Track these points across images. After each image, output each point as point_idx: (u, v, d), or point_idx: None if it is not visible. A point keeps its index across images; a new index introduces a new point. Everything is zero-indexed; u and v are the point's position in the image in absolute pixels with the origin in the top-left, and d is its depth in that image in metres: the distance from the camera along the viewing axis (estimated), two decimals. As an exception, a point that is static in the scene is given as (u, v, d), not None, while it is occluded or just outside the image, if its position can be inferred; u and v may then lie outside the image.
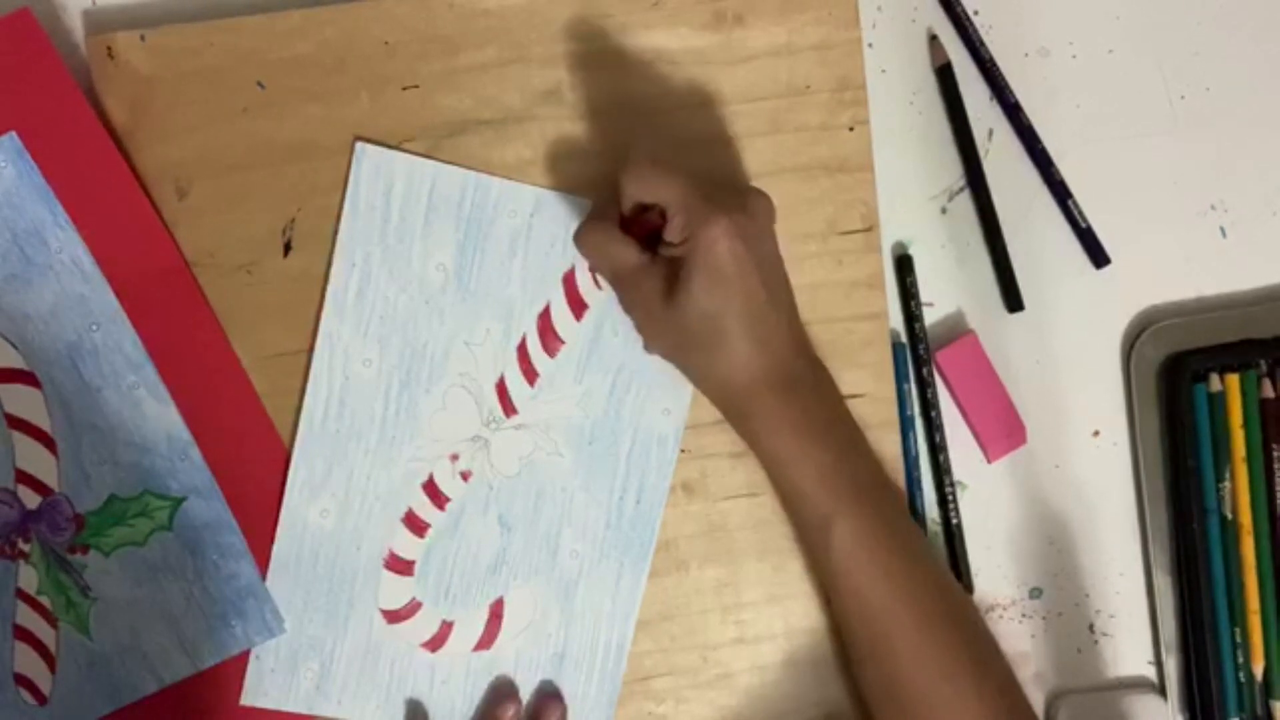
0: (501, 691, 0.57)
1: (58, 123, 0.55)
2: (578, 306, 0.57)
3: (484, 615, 0.57)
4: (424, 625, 0.57)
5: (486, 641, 0.57)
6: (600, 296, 0.57)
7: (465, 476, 0.57)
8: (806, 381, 0.54)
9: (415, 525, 0.57)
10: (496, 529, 0.57)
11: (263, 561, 0.56)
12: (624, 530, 0.57)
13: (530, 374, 0.57)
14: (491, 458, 0.57)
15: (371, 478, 0.56)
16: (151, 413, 0.55)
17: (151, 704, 0.56)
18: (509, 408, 0.57)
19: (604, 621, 0.57)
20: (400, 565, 0.57)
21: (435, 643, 0.57)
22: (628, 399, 0.57)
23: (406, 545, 0.57)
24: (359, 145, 0.56)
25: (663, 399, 0.57)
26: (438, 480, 0.57)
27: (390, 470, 0.57)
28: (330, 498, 0.56)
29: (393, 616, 0.57)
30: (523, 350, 0.57)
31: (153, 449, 0.56)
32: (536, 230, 0.57)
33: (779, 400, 0.53)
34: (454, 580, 0.57)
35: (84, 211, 0.55)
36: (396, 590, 0.57)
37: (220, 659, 0.56)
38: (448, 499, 0.57)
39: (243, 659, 0.56)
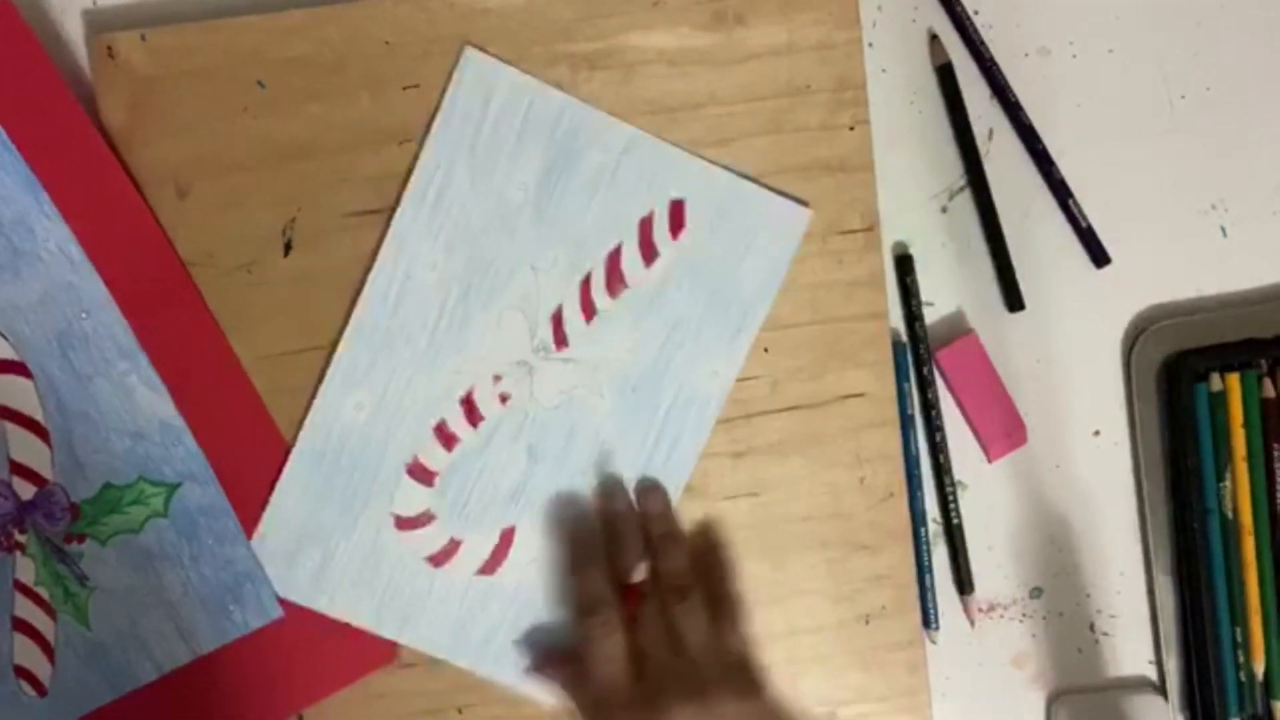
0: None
1: (41, 111, 0.54)
2: (649, 253, 0.57)
3: (494, 540, 0.57)
4: (433, 538, 0.57)
5: (490, 567, 0.57)
6: (673, 248, 0.57)
7: (504, 399, 0.57)
8: None
9: (445, 437, 0.57)
10: (524, 458, 0.57)
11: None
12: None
13: (589, 310, 0.57)
14: (534, 386, 0.57)
15: (413, 382, 0.56)
16: (144, 399, 0.55)
17: (151, 692, 0.56)
18: (560, 340, 0.57)
19: None
20: (423, 474, 0.57)
21: (440, 558, 0.57)
22: (679, 354, 0.57)
23: (433, 455, 0.57)
24: (467, 50, 0.56)
25: (713, 361, 0.57)
26: (476, 397, 0.57)
27: (432, 378, 0.56)
28: (367, 393, 0.56)
29: (405, 524, 0.56)
30: (586, 286, 0.57)
31: (146, 436, 0.55)
32: (624, 170, 0.57)
33: None
34: (472, 499, 0.57)
35: (70, 199, 0.55)
36: (414, 498, 0.57)
37: (218, 644, 0.56)
38: (482, 418, 0.57)
39: (240, 645, 0.56)
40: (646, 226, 0.57)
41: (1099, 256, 0.60)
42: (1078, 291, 0.61)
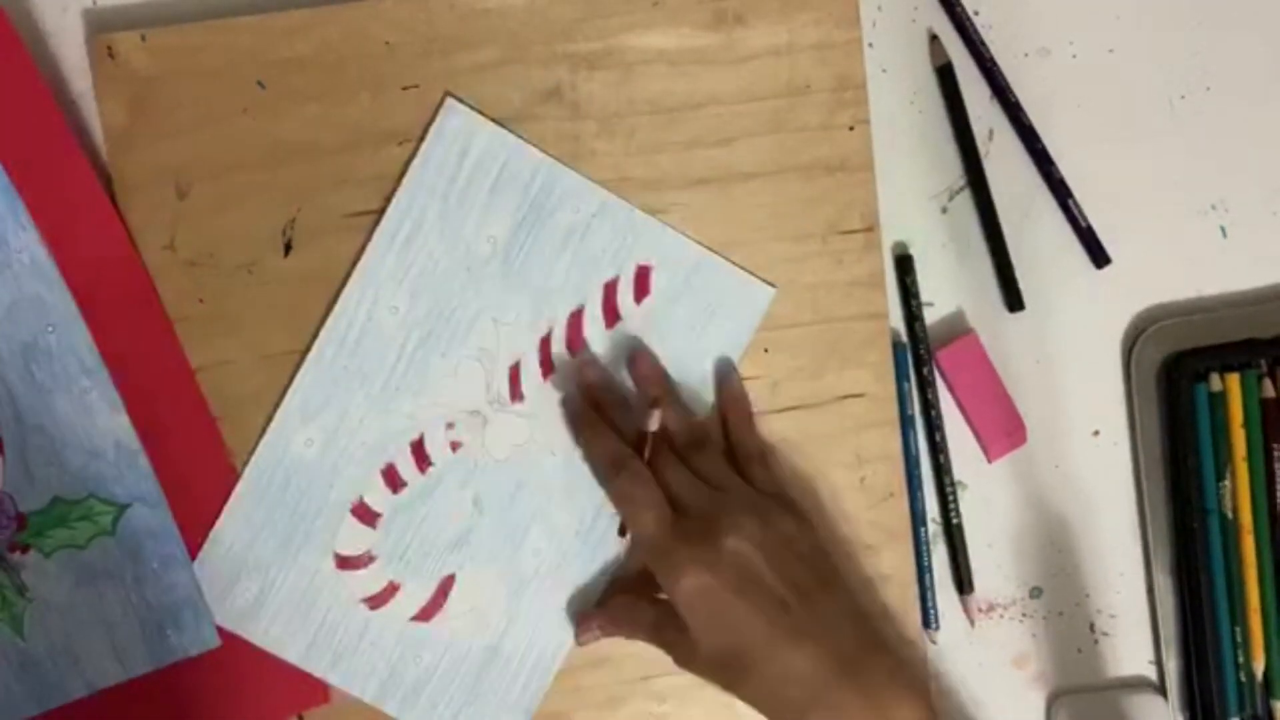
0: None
1: (23, 121, 0.54)
2: (610, 316, 0.57)
3: (432, 587, 0.57)
4: (371, 580, 0.57)
5: (426, 614, 0.57)
6: (636, 313, 0.57)
7: (454, 446, 0.57)
8: (875, 674, 0.50)
9: (392, 480, 0.57)
10: (469, 507, 0.57)
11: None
12: (591, 544, 0.57)
13: (547, 366, 0.57)
14: (485, 436, 0.57)
15: (365, 422, 0.56)
16: (102, 418, 0.55)
17: (77, 709, 0.55)
18: (516, 393, 0.57)
19: (546, 627, 0.57)
20: (366, 515, 0.57)
21: (377, 601, 0.57)
22: None
23: (378, 497, 0.57)
24: (449, 101, 0.56)
25: None
26: (427, 443, 0.57)
27: (385, 420, 0.56)
28: (319, 430, 0.56)
29: (344, 563, 0.57)
30: (546, 342, 0.57)
31: (101, 454, 0.55)
32: (594, 231, 0.57)
33: (847, 700, 0.49)
34: (413, 545, 0.57)
35: (46, 212, 0.55)
36: (356, 538, 0.57)
37: (152, 667, 0.56)
38: (430, 464, 0.57)
39: (172, 671, 0.56)
40: (611, 290, 0.57)
41: (1099, 256, 0.60)
42: (1078, 291, 0.61)
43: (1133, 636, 0.61)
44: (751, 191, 0.58)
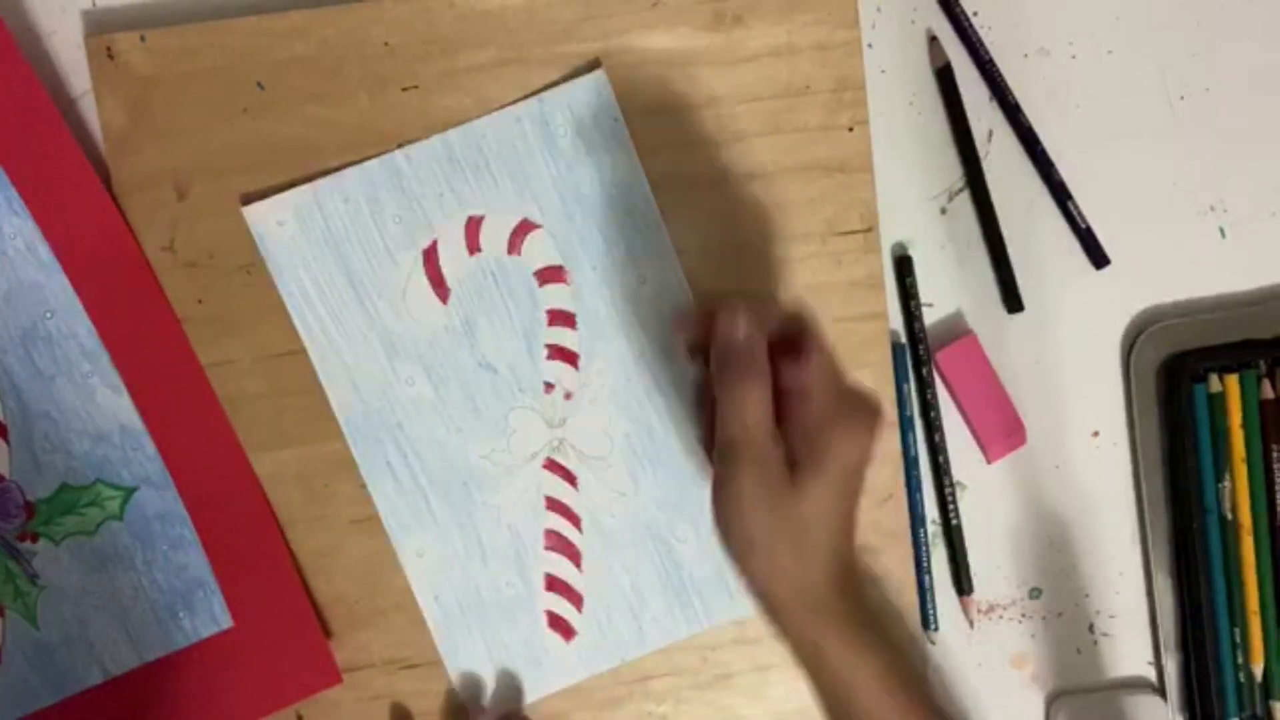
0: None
1: (13, 107, 0.54)
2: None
3: None
4: None
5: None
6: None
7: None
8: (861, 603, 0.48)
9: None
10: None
11: (213, 553, 0.56)
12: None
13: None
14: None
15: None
16: (105, 402, 0.55)
17: (95, 696, 0.56)
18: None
19: None
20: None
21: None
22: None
23: None
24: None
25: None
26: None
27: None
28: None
29: None
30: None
31: (106, 438, 0.55)
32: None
33: (846, 608, 0.47)
34: None
35: (40, 198, 0.55)
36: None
37: (166, 651, 0.56)
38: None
39: (187, 654, 0.56)
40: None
41: (1098, 258, 0.60)
42: (1077, 293, 0.61)
43: (1132, 637, 0.61)
44: (751, 192, 0.58)
